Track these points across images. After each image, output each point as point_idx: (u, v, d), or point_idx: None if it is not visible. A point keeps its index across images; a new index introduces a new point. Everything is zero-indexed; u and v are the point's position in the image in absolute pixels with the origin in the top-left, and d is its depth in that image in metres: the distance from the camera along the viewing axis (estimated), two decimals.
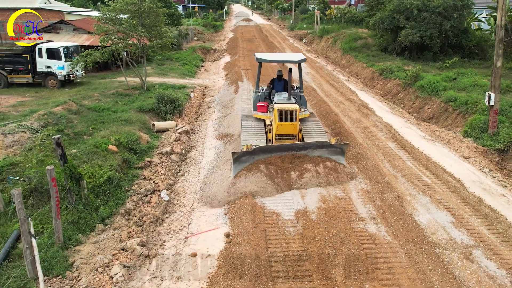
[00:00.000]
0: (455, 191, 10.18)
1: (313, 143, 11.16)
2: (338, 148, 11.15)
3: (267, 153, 10.81)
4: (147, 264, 8.06)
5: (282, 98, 12.59)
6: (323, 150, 11.08)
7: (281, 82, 14.02)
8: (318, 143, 11.14)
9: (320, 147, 11.05)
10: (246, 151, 10.57)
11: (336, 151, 11.15)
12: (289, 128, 11.52)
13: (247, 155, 10.60)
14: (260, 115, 13.23)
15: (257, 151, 10.68)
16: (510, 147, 14.54)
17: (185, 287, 7.12)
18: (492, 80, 15.61)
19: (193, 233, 8.87)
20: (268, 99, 13.77)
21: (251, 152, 10.57)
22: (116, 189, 11.00)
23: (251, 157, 10.64)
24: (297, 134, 11.67)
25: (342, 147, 11.25)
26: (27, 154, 11.87)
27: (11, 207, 10.08)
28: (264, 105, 13.17)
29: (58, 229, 8.87)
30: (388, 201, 9.46)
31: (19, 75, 22.08)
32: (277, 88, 13.89)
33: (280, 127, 11.51)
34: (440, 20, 27.25)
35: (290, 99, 12.40)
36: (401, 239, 7.96)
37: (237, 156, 10.52)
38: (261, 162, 10.78)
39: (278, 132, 11.58)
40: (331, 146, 11.08)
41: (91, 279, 7.69)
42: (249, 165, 10.79)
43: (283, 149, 10.93)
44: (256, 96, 13.89)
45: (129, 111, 16.92)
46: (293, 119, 11.42)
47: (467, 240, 8.04)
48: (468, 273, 7.03)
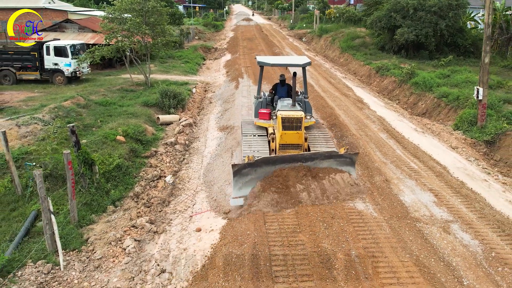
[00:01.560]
0: (440, 176, 11.00)
1: (321, 153, 10.22)
2: (347, 158, 10.22)
3: (270, 165, 9.81)
4: (155, 238, 8.87)
5: (285, 105, 11.64)
6: (332, 160, 10.15)
7: (284, 87, 13.16)
8: (326, 153, 10.21)
9: (329, 158, 10.14)
10: (248, 163, 9.58)
11: (345, 161, 10.22)
12: (294, 137, 10.60)
13: (248, 167, 9.60)
14: (262, 123, 12.38)
15: (260, 163, 9.67)
16: (497, 139, 15.32)
17: (191, 259, 7.93)
18: (481, 76, 16.37)
19: (197, 212, 9.69)
20: (270, 106, 12.94)
21: (253, 164, 9.60)
22: (125, 175, 11.82)
23: (253, 169, 9.65)
24: (302, 143, 10.77)
25: (352, 157, 10.27)
26: (41, 143, 12.69)
27: (28, 191, 10.92)
28: (266, 112, 12.35)
29: (73, 209, 9.68)
30: (376, 183, 10.29)
31: (27, 72, 22.89)
32: (280, 94, 12.97)
33: (284, 136, 10.59)
34: (436, 19, 27.95)
35: (294, 105, 11.48)
36: (386, 215, 8.77)
37: (237, 169, 9.51)
38: (263, 185, 9.70)
39: (282, 142, 10.66)
40: (340, 156, 10.16)
41: (105, 251, 8.50)
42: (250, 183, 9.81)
43: (287, 160, 9.93)
44: (257, 103, 13.01)
45: (135, 105, 17.73)
46: (298, 128, 10.53)
47: (447, 216, 8.84)
48: (445, 243, 7.83)
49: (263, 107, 12.83)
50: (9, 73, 22.67)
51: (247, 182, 9.70)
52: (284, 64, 14.27)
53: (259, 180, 9.77)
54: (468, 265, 7.16)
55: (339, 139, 13.67)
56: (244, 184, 9.68)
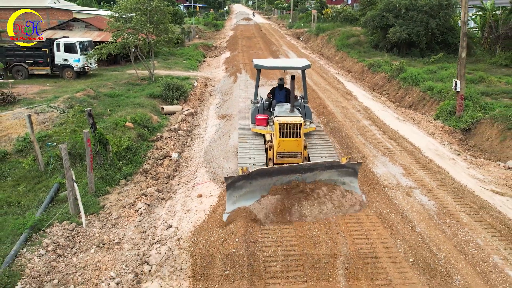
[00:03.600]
0: (411, 154, 12.49)
1: (321, 163, 9.45)
2: (350, 168, 9.51)
3: (267, 177, 9.08)
4: (163, 203, 10.38)
5: (284, 110, 10.96)
6: (333, 171, 9.44)
7: (282, 91, 12.46)
8: (327, 163, 9.47)
9: (330, 168, 9.41)
10: (242, 175, 8.90)
11: (347, 171, 9.53)
12: (293, 145, 10.03)
13: (243, 179, 8.90)
14: (259, 130, 11.74)
15: (255, 175, 8.96)
16: (472, 127, 16.81)
17: (193, 215, 9.43)
18: (458, 69, 17.86)
19: (198, 183, 11.20)
20: (268, 111, 12.21)
21: (248, 177, 8.90)
22: (134, 155, 13.33)
23: (248, 181, 8.94)
24: (301, 151, 10.19)
25: (355, 167, 9.55)
26: (58, 128, 14.22)
27: (50, 167, 12.44)
28: (263, 118, 11.67)
29: (91, 180, 11.19)
30: (354, 159, 11.77)
31: (39, 67, 24.41)
32: (278, 98, 12.28)
33: (282, 144, 10.02)
34: (427, 18, 29.31)
35: (293, 111, 10.83)
36: (359, 182, 10.26)
37: (231, 182, 8.82)
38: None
39: (280, 150, 10.09)
40: (342, 166, 9.44)
41: (120, 213, 10.01)
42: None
43: (285, 171, 9.17)
44: (254, 108, 12.32)
45: (141, 97, 19.26)
46: (297, 135, 9.95)
47: (411, 184, 10.33)
48: (405, 203, 9.32)
49: (260, 112, 12.14)
50: (21, 68, 24.18)
51: (242, 196, 8.96)
52: (282, 67, 13.40)
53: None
54: (421, 218, 8.67)
55: (326, 125, 15.16)
56: (239, 198, 8.94)
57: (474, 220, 8.67)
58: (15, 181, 11.93)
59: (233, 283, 6.76)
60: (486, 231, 8.26)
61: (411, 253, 7.37)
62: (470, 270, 7.05)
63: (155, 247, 8.43)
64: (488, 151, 15.01)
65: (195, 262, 7.58)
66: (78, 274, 7.84)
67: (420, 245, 7.67)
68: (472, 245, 7.75)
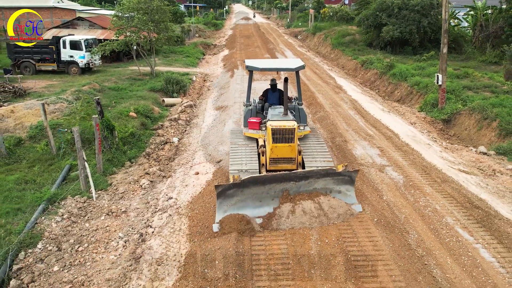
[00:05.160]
0: (389, 139, 13.74)
1: (316, 171, 9.04)
2: (346, 176, 9.13)
3: (259, 185, 8.74)
4: (164, 180, 11.64)
5: (276, 114, 10.50)
6: (328, 179, 9.06)
7: (275, 93, 11.91)
8: (322, 171, 9.05)
9: (325, 176, 9.03)
10: (233, 183, 8.60)
11: (344, 179, 9.14)
12: (286, 150, 9.64)
13: (234, 188, 8.60)
14: (251, 134, 11.21)
15: (247, 183, 8.62)
16: (452, 118, 18.06)
17: (191, 188, 10.67)
18: (440, 64, 19.11)
19: (196, 163, 12.46)
20: (261, 114, 11.67)
21: (239, 185, 8.58)
22: (138, 141, 14.59)
23: (239, 190, 8.63)
24: (295, 157, 9.79)
25: (351, 175, 9.17)
26: (69, 116, 15.50)
27: (61, 151, 13.69)
28: (256, 121, 11.10)
29: (99, 161, 12.44)
30: (336, 142, 13.02)
31: (46, 63, 25.72)
32: (271, 101, 11.78)
33: (275, 150, 9.64)
34: (419, 17, 30.45)
35: (286, 114, 10.34)
36: (339, 161, 11.50)
37: (221, 190, 8.53)
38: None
39: (273, 156, 9.72)
40: (338, 174, 9.05)
41: (126, 188, 11.27)
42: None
43: (279, 179, 8.84)
44: (247, 110, 11.79)
45: (143, 90, 20.54)
46: (290, 140, 9.54)
47: (384, 163, 11.58)
48: (377, 177, 10.57)
49: (253, 115, 11.60)
50: (29, 64, 25.49)
51: (233, 205, 8.66)
52: (275, 68, 12.17)
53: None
54: (389, 189, 9.92)
55: (314, 114, 16.42)
56: (230, 207, 8.64)
57: (436, 191, 9.93)
58: (30, 163, 13.17)
59: (222, 236, 8.02)
60: (445, 199, 9.51)
61: (376, 215, 8.62)
62: (424, 227, 8.30)
63: (157, 214, 9.68)
64: (466, 140, 16.24)
65: (192, 224, 8.84)
66: (91, 236, 9.10)
67: (385, 209, 8.93)
68: (430, 209, 9.01)
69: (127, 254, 8.20)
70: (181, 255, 7.81)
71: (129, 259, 8.00)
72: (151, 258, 7.93)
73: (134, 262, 7.90)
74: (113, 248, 8.56)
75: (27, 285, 7.86)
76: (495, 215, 8.79)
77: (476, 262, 7.24)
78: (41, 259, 8.47)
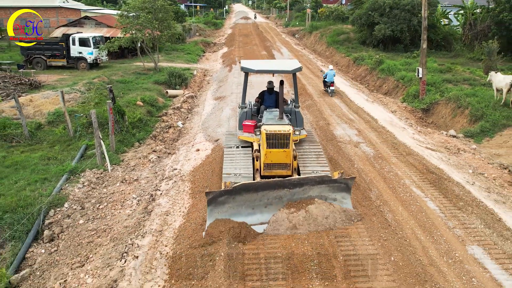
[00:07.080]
0: (368, 123, 15.51)
1: (311, 178, 8.76)
2: (342, 183, 8.83)
3: (252, 192, 8.45)
4: (169, 156, 13.42)
5: (272, 117, 10.26)
6: (324, 186, 8.78)
7: (272, 96, 11.59)
8: (318, 178, 8.79)
9: (320, 183, 8.76)
10: (224, 190, 8.30)
11: (340, 187, 8.85)
12: (281, 156, 9.36)
13: (225, 195, 8.29)
14: (246, 137, 10.83)
15: (239, 190, 8.33)
16: (431, 107, 19.83)
17: (193, 161, 12.43)
18: (421, 58, 20.84)
19: (197, 142, 14.25)
20: (256, 117, 11.31)
21: (231, 192, 8.28)
22: (145, 126, 16.37)
23: (231, 197, 8.34)
24: (290, 163, 9.51)
25: (347, 182, 8.87)
26: (83, 104, 17.30)
27: (77, 134, 15.48)
28: (251, 124, 10.76)
29: (112, 141, 14.22)
30: (319, 125, 14.80)
31: (56, 59, 27.52)
32: (267, 103, 11.50)
33: (269, 155, 9.36)
34: (409, 16, 31.99)
35: (282, 118, 10.13)
36: (320, 139, 13.26)
37: (212, 197, 8.21)
38: None
39: (267, 161, 9.45)
40: (333, 181, 8.78)
41: (137, 162, 13.06)
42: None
43: (272, 186, 8.55)
44: (242, 113, 11.55)
45: (148, 83, 22.34)
46: (285, 145, 9.25)
47: (360, 140, 13.35)
48: (352, 151, 12.33)
49: (248, 118, 11.34)
50: (41, 60, 27.29)
51: (225, 213, 8.38)
52: (271, 70, 11.50)
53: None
54: (360, 160, 11.70)
55: (303, 103, 18.18)
56: (221, 214, 8.37)
57: (400, 161, 11.71)
58: (50, 144, 14.94)
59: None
60: (407, 167, 11.29)
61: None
62: (385, 186, 10.07)
63: (164, 181, 11.45)
64: (442, 126, 17.97)
65: (193, 186, 10.61)
66: (109, 197, 10.88)
67: (354, 173, 10.69)
68: (392, 173, 10.79)
69: (140, 209, 9.98)
70: (185, 207, 9.59)
71: (143, 212, 9.77)
72: (161, 212, 9.71)
73: (146, 214, 9.67)
74: (128, 205, 10.34)
75: (57, 235, 9.64)
76: (447, 179, 10.56)
77: (422, 209, 9.01)
78: (68, 215, 10.25)
